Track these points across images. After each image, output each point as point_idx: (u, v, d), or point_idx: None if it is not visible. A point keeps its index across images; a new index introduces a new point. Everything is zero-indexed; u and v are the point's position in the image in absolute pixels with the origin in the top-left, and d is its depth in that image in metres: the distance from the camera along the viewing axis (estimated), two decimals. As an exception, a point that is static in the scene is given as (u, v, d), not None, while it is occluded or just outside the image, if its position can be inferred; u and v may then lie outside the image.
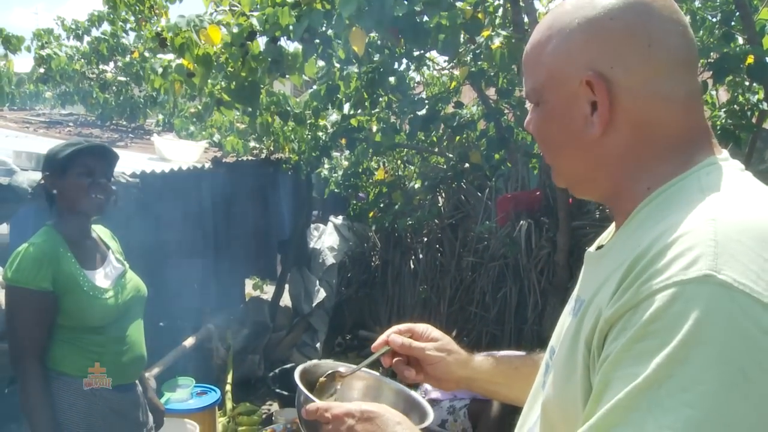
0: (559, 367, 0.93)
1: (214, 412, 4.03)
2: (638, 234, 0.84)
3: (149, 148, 5.55)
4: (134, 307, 2.49)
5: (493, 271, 4.73)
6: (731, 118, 4.14)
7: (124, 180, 3.66)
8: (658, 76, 0.89)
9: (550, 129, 0.98)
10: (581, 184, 1.02)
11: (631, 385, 0.70)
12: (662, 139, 0.90)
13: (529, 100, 1.01)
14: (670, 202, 0.85)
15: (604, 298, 0.82)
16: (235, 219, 5.60)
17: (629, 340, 0.73)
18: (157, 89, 3.93)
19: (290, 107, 5.19)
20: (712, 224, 0.75)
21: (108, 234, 2.60)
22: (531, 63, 0.99)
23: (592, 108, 0.90)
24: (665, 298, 0.72)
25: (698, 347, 0.68)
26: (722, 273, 0.70)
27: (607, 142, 0.91)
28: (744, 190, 0.84)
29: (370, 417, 1.05)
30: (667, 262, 0.74)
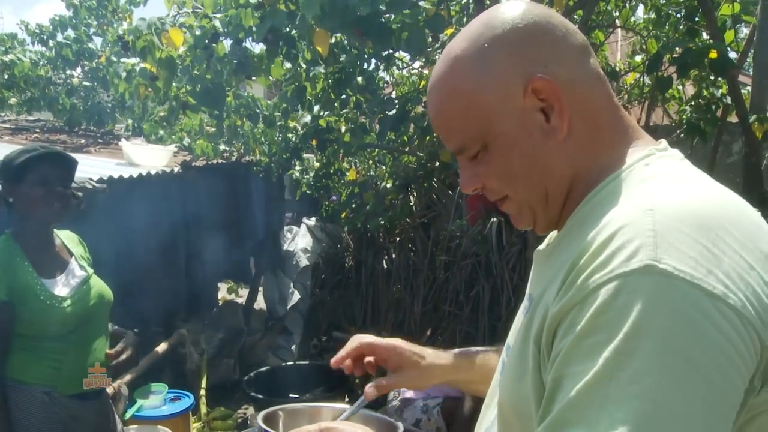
0: (511, 366, 0.93)
1: (187, 417, 3.98)
2: (583, 230, 0.83)
3: (117, 153, 5.49)
4: (98, 314, 2.45)
5: (466, 269, 4.74)
6: (696, 112, 4.19)
7: (90, 186, 3.61)
8: (581, 61, 0.90)
9: (507, 164, 0.91)
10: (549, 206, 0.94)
11: (582, 382, 0.70)
12: (605, 125, 0.91)
13: (466, 154, 0.94)
14: (612, 197, 0.84)
15: (550, 296, 0.82)
16: (206, 223, 5.56)
17: (577, 336, 0.73)
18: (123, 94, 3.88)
19: (259, 109, 5.15)
20: (650, 215, 0.74)
21: (74, 239, 2.56)
22: (457, 114, 0.92)
23: (544, 115, 0.88)
24: (609, 292, 0.71)
25: (643, 338, 0.68)
26: (662, 262, 0.70)
27: (568, 143, 0.89)
28: (682, 178, 0.84)
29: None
30: (608, 255, 0.74)
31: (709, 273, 0.70)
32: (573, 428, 0.70)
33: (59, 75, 7.47)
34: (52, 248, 2.42)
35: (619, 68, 5.01)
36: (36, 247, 2.33)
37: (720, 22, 3.51)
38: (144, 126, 6.82)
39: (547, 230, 1.01)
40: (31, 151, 2.29)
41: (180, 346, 4.96)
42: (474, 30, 0.91)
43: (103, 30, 6.88)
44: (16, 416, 2.21)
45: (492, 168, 0.92)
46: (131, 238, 4.51)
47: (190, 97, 3.42)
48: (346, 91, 4.17)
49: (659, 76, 3.61)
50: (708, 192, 0.81)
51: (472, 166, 0.95)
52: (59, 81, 7.41)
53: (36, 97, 7.29)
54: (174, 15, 3.36)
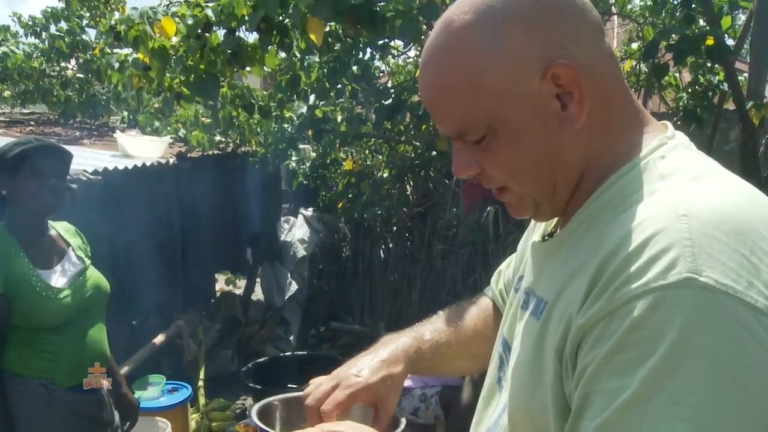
0: (522, 374, 0.87)
1: (186, 408, 3.98)
2: (598, 227, 0.79)
3: (113, 145, 5.47)
4: (95, 305, 2.44)
5: (463, 258, 4.73)
6: (693, 99, 4.18)
7: (85, 178, 3.59)
8: (597, 41, 0.83)
9: (516, 154, 0.83)
10: (556, 198, 0.88)
11: (619, 401, 0.66)
12: (618, 110, 0.85)
13: (468, 137, 0.85)
14: (629, 191, 0.79)
15: (573, 304, 0.76)
16: (202, 214, 5.55)
17: (608, 351, 0.68)
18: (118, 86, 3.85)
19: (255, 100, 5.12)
20: (686, 221, 0.70)
21: (71, 230, 2.55)
22: (460, 96, 0.82)
23: (559, 102, 0.81)
24: (645, 306, 0.67)
25: (685, 356, 0.64)
26: (703, 275, 0.66)
27: (582, 132, 0.82)
28: (702, 173, 0.79)
29: None
30: (642, 266, 0.69)
31: (750, 285, 0.66)
32: None
33: (53, 67, 7.43)
34: (48, 239, 2.41)
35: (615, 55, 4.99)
36: (31, 239, 2.32)
37: (716, 8, 3.49)
38: (139, 118, 6.79)
39: (550, 219, 0.95)
40: (25, 144, 2.28)
41: (177, 338, 4.96)
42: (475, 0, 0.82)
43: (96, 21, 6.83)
44: (14, 409, 2.20)
45: (498, 157, 0.84)
46: (127, 230, 4.50)
47: (184, 88, 3.40)
48: (341, 80, 4.15)
49: (655, 63, 3.60)
50: (735, 192, 0.77)
51: (471, 150, 0.86)
52: (53, 73, 7.37)
53: (30, 89, 7.25)
54: (166, 4, 3.33)
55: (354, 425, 0.99)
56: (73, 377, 2.33)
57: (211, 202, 5.73)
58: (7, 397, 2.19)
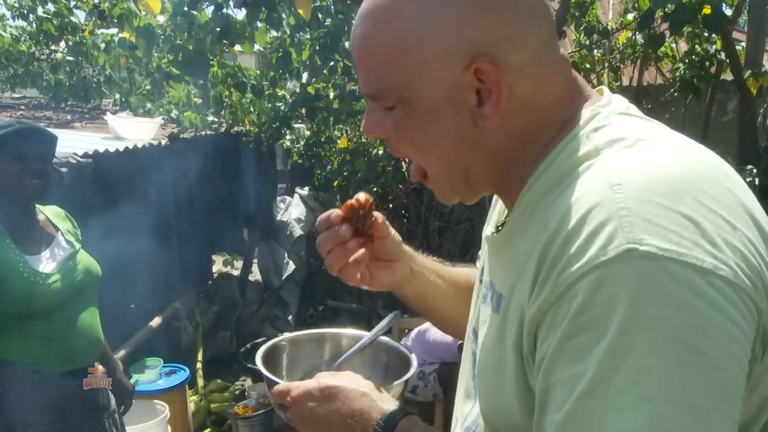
0: (487, 374, 0.84)
1: (184, 391, 3.97)
2: (540, 213, 0.75)
3: (104, 128, 5.40)
4: (86, 289, 2.41)
5: (460, 234, 4.71)
6: (690, 70, 4.12)
7: (74, 161, 3.54)
8: (540, 45, 0.78)
9: (424, 134, 0.81)
10: (471, 184, 0.86)
11: (578, 390, 0.63)
12: (549, 107, 0.81)
13: (380, 101, 0.83)
14: (564, 171, 0.75)
15: (523, 295, 0.73)
16: (197, 195, 5.50)
17: (560, 338, 0.66)
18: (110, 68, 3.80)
19: (247, 79, 5.06)
20: (620, 190, 0.66)
21: (60, 214, 2.51)
22: (381, 57, 0.79)
23: (478, 97, 0.77)
24: (589, 285, 0.64)
25: (637, 332, 0.61)
26: (644, 244, 0.63)
27: (499, 130, 0.79)
28: (639, 138, 0.75)
29: (331, 393, 0.92)
30: (581, 244, 0.66)
31: (695, 245, 0.63)
32: None
33: (42, 50, 7.33)
34: (35, 224, 2.37)
35: (611, 27, 4.92)
36: (17, 224, 2.28)
37: (713, -25, 3.42)
38: (131, 99, 6.73)
39: (476, 200, 0.92)
40: (6, 127, 2.23)
41: (175, 320, 4.94)
42: None
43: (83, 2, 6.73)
44: (6, 396, 2.18)
45: (406, 132, 0.82)
46: (121, 213, 4.45)
47: (173, 67, 3.34)
48: (333, 56, 4.08)
49: (651, 34, 3.54)
50: (673, 151, 0.73)
51: (382, 114, 0.83)
52: (43, 56, 7.27)
53: (19, 73, 7.16)
54: (151, -19, 3.26)
55: (351, 377, 0.96)
56: (66, 362, 2.31)
57: (206, 183, 5.67)
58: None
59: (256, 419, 4.08)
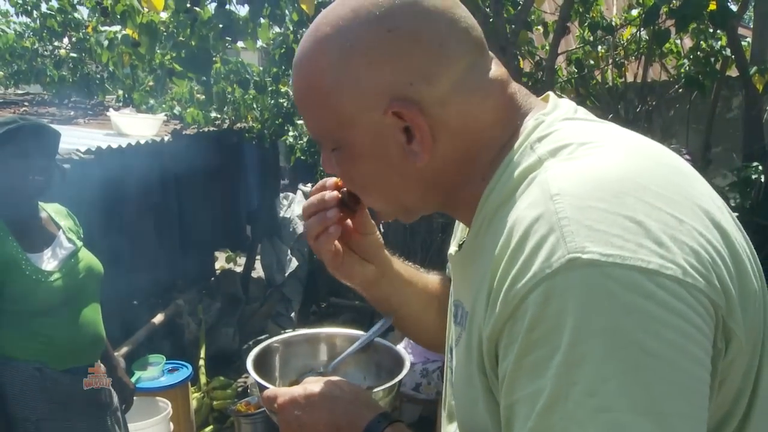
0: (460, 393, 0.85)
1: (186, 388, 3.97)
2: (492, 231, 0.75)
3: (107, 124, 5.39)
4: (88, 287, 2.41)
5: (463, 231, 4.68)
6: (695, 66, 4.11)
7: (77, 157, 3.54)
8: (462, 74, 0.78)
9: (361, 171, 0.83)
10: (414, 212, 0.90)
11: (538, 406, 0.62)
12: (484, 130, 0.80)
13: (322, 144, 0.86)
14: (510, 187, 0.75)
15: (479, 314, 0.74)
16: (200, 192, 5.50)
17: (517, 355, 0.65)
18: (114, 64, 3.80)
19: (250, 75, 5.06)
20: (559, 199, 0.66)
21: (63, 212, 2.50)
22: (312, 106, 0.82)
23: (406, 135, 0.78)
24: (538, 300, 0.63)
25: (589, 342, 0.60)
26: (586, 251, 0.62)
27: (434, 163, 0.80)
28: (582, 141, 0.74)
29: (316, 402, 0.90)
30: (526, 259, 0.65)
31: (639, 247, 0.62)
32: None
33: (46, 47, 7.33)
34: (38, 222, 2.37)
35: (615, 23, 4.90)
36: (20, 222, 2.28)
37: (719, -29, 3.40)
38: (134, 96, 6.73)
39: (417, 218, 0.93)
40: (9, 124, 2.22)
41: (177, 317, 4.95)
42: (340, 13, 0.78)
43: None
44: (8, 394, 2.18)
45: (345, 171, 0.85)
46: (123, 210, 4.46)
47: (176, 64, 3.33)
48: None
49: (656, 30, 3.52)
50: (615, 150, 0.72)
51: (328, 153, 0.86)
52: (46, 53, 7.27)
53: (23, 69, 7.16)
54: (154, -22, 3.25)
55: (338, 384, 0.93)
56: (68, 360, 2.30)
57: (209, 179, 5.68)
58: (1, 381, 2.17)
59: (259, 417, 4.08)
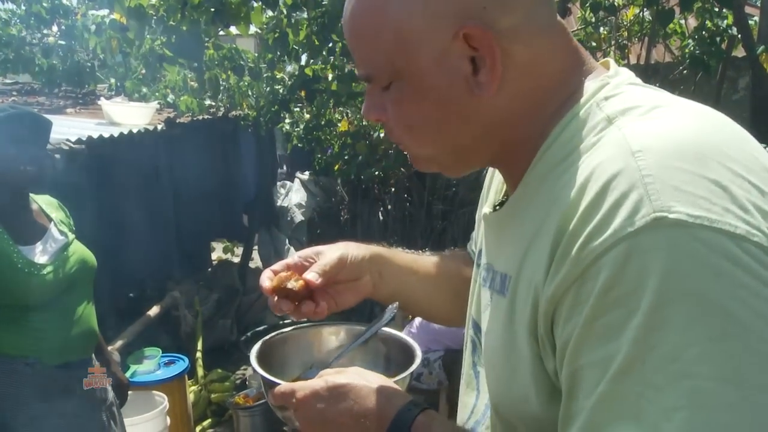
0: (497, 361, 0.81)
1: (183, 381, 3.97)
2: (549, 187, 0.73)
3: (98, 113, 5.37)
4: (80, 280, 2.39)
5: (464, 218, 4.68)
6: (700, 46, 4.06)
7: (67, 147, 3.51)
8: (534, 7, 0.76)
9: (420, 110, 0.79)
10: (465, 161, 0.85)
11: (610, 371, 0.60)
12: (550, 76, 0.78)
13: (375, 81, 0.81)
14: (573, 143, 0.73)
15: (537, 274, 0.70)
16: (195, 181, 5.48)
17: (587, 318, 0.62)
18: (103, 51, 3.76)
19: (244, 61, 5.02)
20: (642, 156, 0.63)
21: (54, 204, 2.48)
22: (371, 32, 0.78)
23: (473, 65, 0.75)
24: (617, 259, 0.61)
25: (673, 305, 0.58)
26: (673, 211, 0.60)
27: (499, 100, 0.77)
28: (655, 105, 0.72)
29: (340, 393, 0.87)
30: (604, 216, 0.63)
31: (726, 211, 0.60)
32: (614, 428, 0.59)
33: (34, 34, 7.26)
34: (29, 214, 2.35)
35: (617, 3, 4.86)
36: (11, 213, 2.26)
37: (724, -53, 3.36)
38: (126, 84, 6.68)
39: (463, 175, 0.91)
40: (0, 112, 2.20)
41: (173, 309, 4.94)
42: None
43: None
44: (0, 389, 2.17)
45: (401, 110, 0.81)
46: (116, 201, 4.44)
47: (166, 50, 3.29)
48: (331, 37, 4.03)
49: (660, 9, 3.49)
50: (694, 117, 0.70)
51: (379, 96, 0.82)
52: (34, 41, 7.20)
53: (11, 58, 7.09)
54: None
55: (360, 374, 0.91)
56: (61, 355, 2.29)
57: (204, 168, 5.66)
58: None
59: (258, 409, 4.08)
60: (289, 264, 1.08)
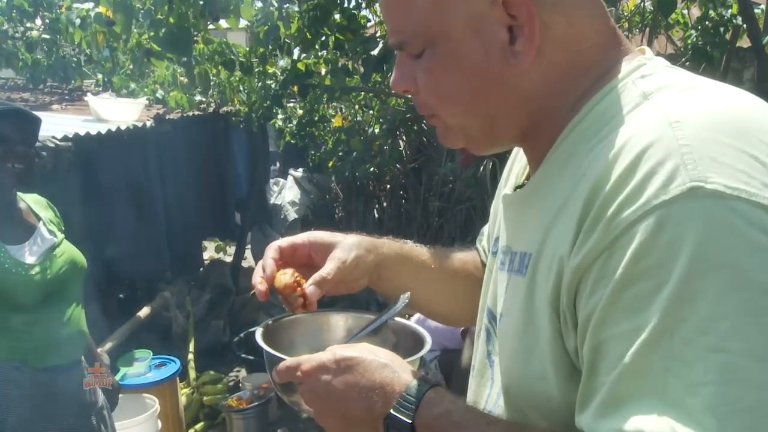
0: (514, 340, 0.80)
1: (175, 383, 3.96)
2: (576, 161, 0.72)
3: (85, 109, 5.36)
4: (70, 281, 2.38)
5: (461, 215, 4.68)
6: (703, 37, 4.06)
7: (53, 144, 3.50)
8: None
9: (453, 78, 0.79)
10: (494, 135, 0.84)
11: (636, 344, 0.59)
12: (586, 50, 0.78)
13: (408, 48, 0.81)
14: (606, 117, 0.73)
15: (561, 246, 0.70)
16: (185, 179, 5.47)
17: (614, 289, 0.62)
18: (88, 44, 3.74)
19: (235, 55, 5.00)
20: (679, 127, 0.63)
21: (42, 203, 2.48)
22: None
23: (510, 33, 0.75)
24: (648, 228, 0.60)
25: (705, 276, 0.58)
26: (710, 182, 0.59)
27: (534, 71, 0.77)
28: (692, 85, 0.72)
29: (348, 365, 0.85)
30: (637, 185, 0.62)
31: (764, 186, 0.60)
32: (637, 402, 0.59)
33: (16, 28, 7.20)
34: (17, 213, 2.34)
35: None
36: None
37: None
38: (114, 79, 6.65)
39: (489, 152, 0.91)
40: None
41: (164, 310, 4.93)
42: None
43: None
44: None
45: (433, 78, 0.80)
46: (105, 200, 4.43)
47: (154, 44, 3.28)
48: (323, 30, 4.02)
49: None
50: (730, 94, 0.70)
51: (411, 65, 0.82)
52: (17, 35, 7.14)
53: (-8, 53, 7.03)
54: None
55: (369, 348, 0.89)
56: (48, 358, 2.28)
57: (195, 166, 5.64)
58: None
59: (251, 412, 4.08)
60: (296, 244, 1.13)
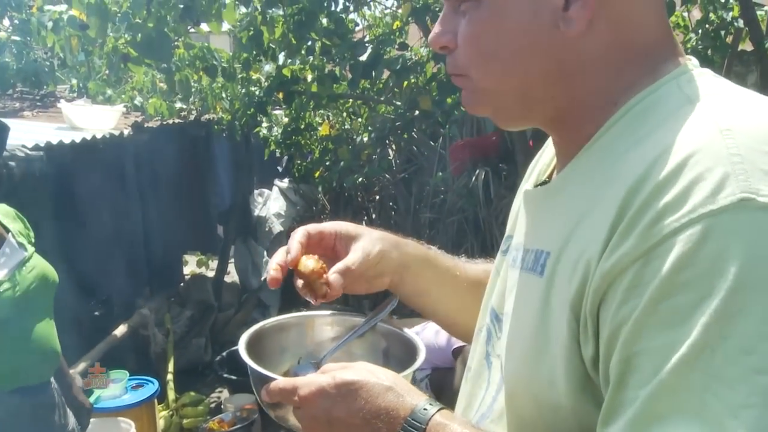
0: (523, 342, 0.79)
1: (152, 406, 3.94)
2: (612, 161, 0.72)
3: (58, 116, 5.34)
4: (40, 297, 2.37)
5: (452, 226, 4.69)
6: (703, 41, 4.09)
7: (22, 154, 3.49)
8: None
9: (497, 34, 0.78)
10: (525, 107, 0.83)
11: (674, 359, 0.58)
12: (638, 41, 0.77)
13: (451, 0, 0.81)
14: (647, 117, 0.72)
15: (590, 248, 0.69)
16: (165, 190, 5.46)
17: (650, 299, 0.61)
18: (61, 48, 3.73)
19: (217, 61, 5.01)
20: (730, 135, 0.63)
21: (10, 214, 2.47)
22: None
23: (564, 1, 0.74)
24: (693, 238, 0.60)
25: (753, 293, 0.57)
26: (762, 194, 0.59)
27: (582, 44, 0.76)
28: (741, 96, 0.72)
29: (350, 390, 0.84)
30: (681, 192, 0.62)
31: None
32: (674, 421, 0.58)
33: (-20, 30, 7.14)
34: (-16, 226, 2.33)
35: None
36: (-38, 225, 2.25)
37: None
38: (89, 85, 6.63)
39: (513, 127, 0.91)
40: None
41: (142, 328, 4.90)
42: None
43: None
44: None
45: (475, 31, 0.79)
46: (79, 212, 4.41)
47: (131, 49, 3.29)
48: (309, 35, 4.04)
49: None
50: None
51: (453, 20, 0.81)
52: (-18, 37, 7.09)
53: (-44, 57, 6.97)
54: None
55: (370, 370, 0.88)
56: (17, 378, 2.27)
57: (175, 176, 5.62)
58: None
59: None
60: (324, 231, 1.13)
